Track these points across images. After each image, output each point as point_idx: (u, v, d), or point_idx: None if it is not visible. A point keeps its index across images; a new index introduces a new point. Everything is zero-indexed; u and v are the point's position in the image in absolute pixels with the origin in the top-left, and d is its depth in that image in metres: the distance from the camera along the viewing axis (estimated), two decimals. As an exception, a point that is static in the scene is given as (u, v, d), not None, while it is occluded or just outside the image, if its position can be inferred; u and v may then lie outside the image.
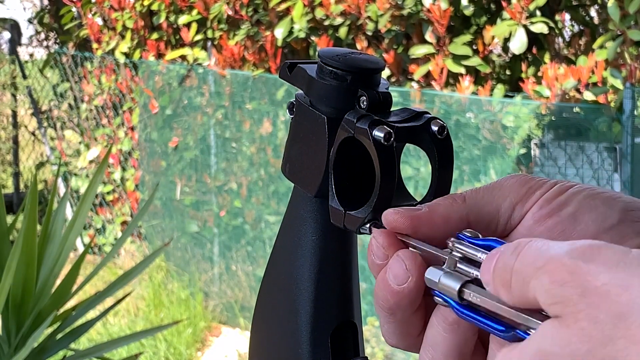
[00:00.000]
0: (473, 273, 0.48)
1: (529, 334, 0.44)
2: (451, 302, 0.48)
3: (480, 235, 0.50)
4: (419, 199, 0.58)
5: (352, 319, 0.60)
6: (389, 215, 0.52)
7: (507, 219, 0.53)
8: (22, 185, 7.55)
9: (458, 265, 0.49)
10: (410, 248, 0.52)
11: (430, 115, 0.56)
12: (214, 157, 5.29)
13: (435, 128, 0.56)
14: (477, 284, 0.47)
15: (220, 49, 5.22)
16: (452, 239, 0.50)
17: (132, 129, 5.90)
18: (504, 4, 4.30)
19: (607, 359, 0.39)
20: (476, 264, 0.48)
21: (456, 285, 0.47)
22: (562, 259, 0.42)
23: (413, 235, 0.52)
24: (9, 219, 4.50)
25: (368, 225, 0.55)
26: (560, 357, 0.41)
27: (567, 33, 4.97)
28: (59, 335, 2.50)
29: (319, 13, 4.75)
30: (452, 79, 4.44)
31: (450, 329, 0.49)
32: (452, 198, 0.53)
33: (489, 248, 0.48)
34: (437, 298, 0.49)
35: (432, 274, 0.49)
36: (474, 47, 4.47)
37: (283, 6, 4.89)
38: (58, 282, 2.52)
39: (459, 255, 0.49)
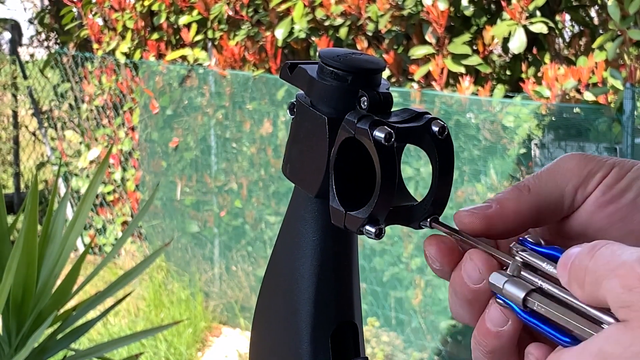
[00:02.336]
0: (537, 282, 0.49)
1: None
2: (514, 308, 0.49)
3: (542, 242, 0.51)
4: (419, 199, 0.58)
5: (352, 320, 0.60)
6: (465, 218, 0.53)
7: (570, 202, 0.54)
8: (22, 186, 7.55)
9: (521, 272, 0.50)
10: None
11: (430, 116, 0.56)
12: (214, 158, 5.29)
13: (435, 128, 0.56)
14: (541, 293, 0.48)
15: (221, 50, 5.22)
16: (515, 244, 0.51)
17: (133, 129, 5.90)
18: (503, 4, 4.30)
19: None
20: (538, 271, 0.49)
21: (521, 294, 0.48)
22: (634, 265, 0.42)
23: (487, 234, 0.53)
24: (10, 219, 4.49)
25: (429, 221, 0.56)
26: (620, 358, 0.42)
27: (567, 33, 4.97)
28: (60, 336, 2.50)
29: (320, 13, 4.75)
30: (453, 80, 4.44)
31: (488, 356, 0.52)
32: (519, 190, 0.54)
33: (550, 257, 0.49)
34: (499, 301, 0.50)
35: (496, 279, 0.50)
36: (474, 48, 4.47)
37: (283, 6, 4.89)
38: (58, 282, 2.52)
39: (521, 261, 0.50)
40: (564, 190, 0.54)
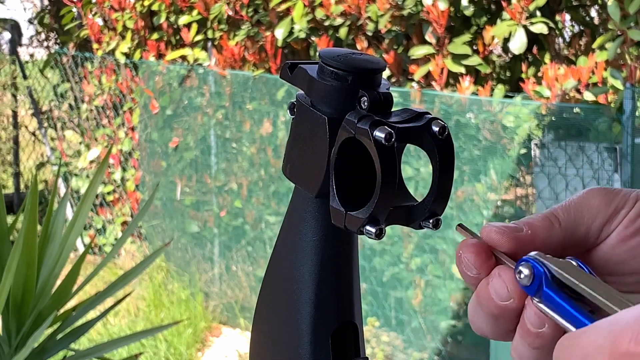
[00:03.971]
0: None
1: None
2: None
3: (534, 272, 0.51)
4: (419, 199, 0.58)
5: (352, 320, 0.60)
6: (493, 234, 0.54)
7: (595, 238, 0.56)
8: (22, 186, 7.54)
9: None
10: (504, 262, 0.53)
11: (431, 116, 0.56)
12: (214, 158, 5.29)
13: (436, 128, 0.56)
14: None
15: (221, 50, 5.22)
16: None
17: (133, 129, 5.90)
18: (504, 4, 4.30)
19: None
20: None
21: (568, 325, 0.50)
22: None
23: (511, 255, 0.53)
24: (10, 219, 4.50)
25: (456, 226, 0.56)
26: None
27: (567, 33, 4.97)
28: (60, 336, 2.50)
29: (319, 13, 4.75)
30: (452, 80, 4.44)
31: (535, 351, 0.52)
32: (550, 221, 0.55)
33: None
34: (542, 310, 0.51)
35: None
36: (474, 48, 4.47)
37: (283, 6, 4.89)
38: (58, 282, 2.52)
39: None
40: (590, 227, 0.55)
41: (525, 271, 0.51)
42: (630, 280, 0.55)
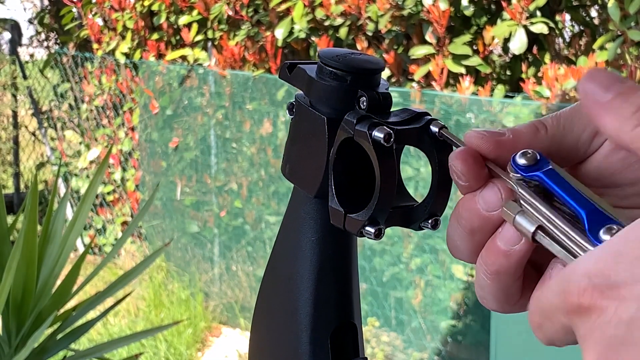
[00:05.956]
0: (542, 214, 0.49)
1: None
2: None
3: (537, 157, 0.50)
4: (419, 199, 0.58)
5: (352, 320, 0.60)
6: (473, 138, 0.52)
7: (586, 149, 0.53)
8: (22, 186, 7.54)
9: (530, 200, 0.50)
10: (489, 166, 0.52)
11: (430, 117, 0.56)
12: (214, 158, 5.29)
13: (435, 129, 0.56)
14: (545, 229, 0.49)
15: (221, 50, 5.22)
16: (512, 174, 0.50)
17: (133, 129, 5.90)
18: (504, 4, 4.30)
19: None
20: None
21: (531, 228, 0.49)
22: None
23: (492, 159, 0.52)
24: (10, 219, 4.50)
25: (437, 130, 0.55)
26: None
27: (567, 33, 4.97)
28: (60, 336, 2.50)
29: (319, 13, 4.75)
30: (453, 80, 4.44)
31: (492, 277, 0.51)
32: (536, 127, 0.53)
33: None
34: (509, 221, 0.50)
35: (511, 208, 0.50)
36: (474, 48, 4.47)
37: (283, 6, 4.89)
38: (58, 282, 2.52)
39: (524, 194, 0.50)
40: (580, 136, 0.53)
41: (522, 160, 0.50)
42: (630, 191, 0.53)
